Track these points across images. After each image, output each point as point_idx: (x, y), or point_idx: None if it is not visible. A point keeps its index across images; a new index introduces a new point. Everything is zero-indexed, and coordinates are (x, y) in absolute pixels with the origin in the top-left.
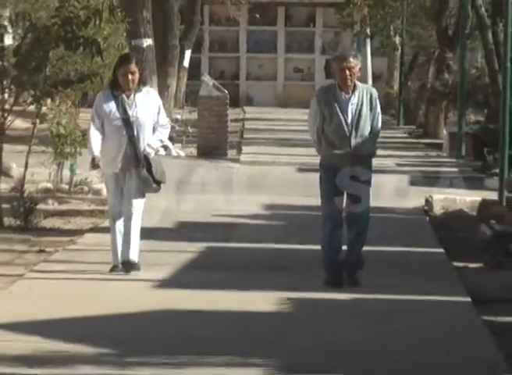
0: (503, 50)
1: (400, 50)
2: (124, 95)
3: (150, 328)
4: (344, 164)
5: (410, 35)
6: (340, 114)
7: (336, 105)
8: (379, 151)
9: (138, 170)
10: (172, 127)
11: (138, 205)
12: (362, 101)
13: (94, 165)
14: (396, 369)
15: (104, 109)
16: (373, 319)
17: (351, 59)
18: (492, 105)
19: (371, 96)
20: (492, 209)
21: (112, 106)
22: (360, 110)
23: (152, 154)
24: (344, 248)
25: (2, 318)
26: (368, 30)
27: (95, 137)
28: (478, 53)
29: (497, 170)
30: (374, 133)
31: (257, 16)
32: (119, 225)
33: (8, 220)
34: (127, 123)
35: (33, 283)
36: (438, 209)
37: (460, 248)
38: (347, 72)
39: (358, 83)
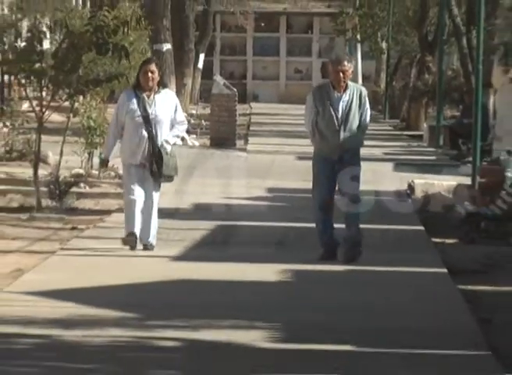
0: (475, 54)
1: (386, 54)
2: (145, 95)
3: (168, 296)
4: (334, 154)
5: (395, 41)
6: (332, 110)
7: (328, 102)
8: (368, 142)
9: (156, 165)
10: (188, 121)
11: (154, 196)
12: (352, 98)
13: (105, 165)
14: (382, 331)
15: (127, 107)
16: (361, 288)
17: (345, 63)
18: (466, 102)
19: (360, 94)
20: (465, 192)
21: (134, 104)
22: (350, 107)
23: (168, 148)
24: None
25: (40, 287)
26: (359, 37)
27: (111, 142)
28: (454, 57)
29: (470, 159)
30: (362, 127)
31: (262, 24)
32: (134, 207)
33: (45, 202)
34: (147, 120)
35: (67, 257)
36: (419, 192)
37: (438, 226)
38: (341, 74)
39: (350, 83)
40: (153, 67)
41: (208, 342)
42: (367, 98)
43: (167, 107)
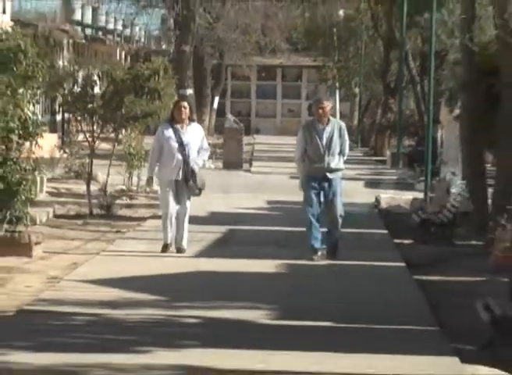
0: (427, 98)
1: (358, 97)
2: (179, 126)
3: (190, 284)
4: (320, 174)
5: (365, 87)
6: (318, 139)
7: (314, 132)
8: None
9: (187, 181)
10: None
11: (188, 206)
12: (333, 130)
13: (150, 183)
14: (354, 311)
15: (165, 136)
16: (339, 278)
17: (324, 102)
18: (420, 134)
19: (340, 127)
20: (419, 204)
21: (170, 133)
22: (332, 136)
23: (197, 169)
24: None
25: (91, 276)
26: (337, 84)
27: (153, 164)
28: (410, 99)
29: (423, 178)
30: (343, 153)
31: (263, 74)
32: (170, 218)
33: (96, 211)
34: (181, 146)
35: (112, 253)
36: (383, 204)
37: (398, 230)
38: (321, 110)
39: (331, 118)
40: (185, 104)
41: (221, 319)
42: (345, 131)
43: (196, 136)
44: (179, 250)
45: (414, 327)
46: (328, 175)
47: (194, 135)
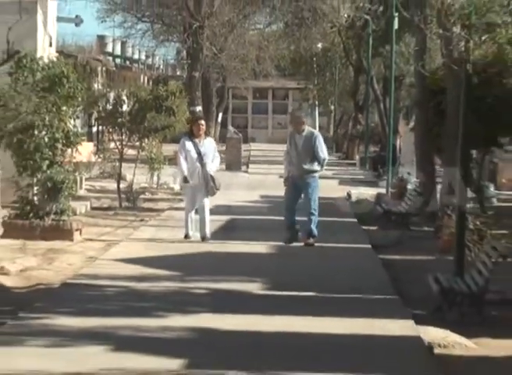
0: (388, 113)
1: (333, 113)
2: (197, 140)
3: (199, 262)
4: (298, 175)
5: (339, 105)
6: (295, 146)
7: (293, 140)
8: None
9: (207, 183)
10: None
11: (207, 202)
12: (307, 138)
13: (185, 180)
14: (329, 283)
15: (186, 147)
16: (317, 257)
17: (296, 115)
18: (382, 142)
19: (312, 134)
20: (382, 198)
21: (190, 146)
22: (306, 143)
23: (213, 174)
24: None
25: (121, 256)
26: (317, 102)
27: (184, 164)
28: (375, 115)
29: (385, 177)
30: (318, 158)
31: (257, 94)
32: (191, 213)
33: (124, 203)
34: (200, 156)
35: (138, 238)
36: (354, 198)
37: (365, 219)
38: (297, 122)
39: (306, 128)
40: (202, 122)
41: (225, 290)
42: (318, 138)
43: (210, 148)
44: (204, 238)
45: (379, 296)
46: (304, 176)
47: (209, 147)
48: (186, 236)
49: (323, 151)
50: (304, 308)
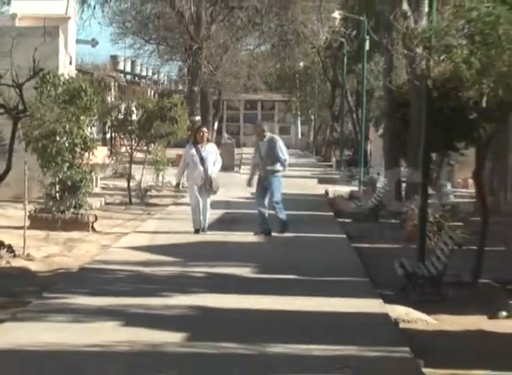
0: (360, 122)
1: (313, 122)
2: (199, 146)
3: (198, 250)
4: (263, 175)
5: (318, 115)
6: (259, 151)
7: (257, 146)
8: (302, 168)
9: (207, 185)
10: None
11: (208, 201)
12: (269, 143)
13: (177, 186)
14: (308, 268)
15: (190, 153)
16: (297, 246)
17: (258, 124)
18: (355, 147)
19: (272, 140)
20: (355, 195)
21: (194, 151)
22: (267, 148)
23: (214, 176)
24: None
25: (131, 244)
26: (299, 113)
27: (180, 173)
28: (349, 123)
29: (357, 177)
30: (279, 159)
31: (248, 106)
32: (197, 211)
33: (133, 199)
34: (202, 160)
35: (146, 229)
36: (331, 195)
37: (340, 213)
38: (258, 131)
39: (268, 134)
40: (205, 129)
41: (220, 273)
42: (278, 142)
43: (212, 153)
44: (203, 230)
45: (352, 279)
46: (268, 176)
47: (211, 151)
48: (197, 230)
49: (283, 153)
50: (287, 290)
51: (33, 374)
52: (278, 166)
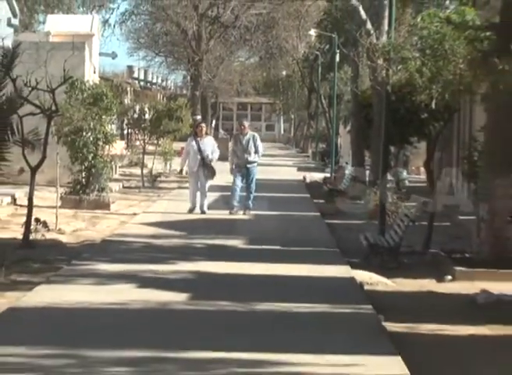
0: (332, 120)
1: (293, 120)
2: (199, 138)
3: (199, 225)
4: (243, 164)
5: (297, 115)
6: (240, 144)
7: (239, 140)
8: (285, 158)
9: (205, 171)
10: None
11: (206, 185)
12: (250, 138)
13: (181, 171)
14: (288, 239)
15: (191, 144)
16: (282, 222)
17: (244, 122)
18: (328, 141)
19: (253, 136)
20: (328, 180)
21: (194, 143)
22: (248, 142)
23: (211, 163)
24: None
25: (144, 221)
26: (282, 113)
27: (183, 162)
28: (322, 121)
29: (329, 165)
30: (257, 152)
31: (240, 107)
32: (195, 193)
33: (146, 184)
34: (200, 150)
35: (156, 207)
36: (308, 180)
37: (315, 195)
38: (242, 127)
39: (249, 131)
40: (203, 124)
41: (217, 245)
42: (258, 139)
43: (209, 144)
44: (203, 212)
45: (324, 249)
46: (247, 165)
47: (208, 143)
48: (191, 210)
49: (260, 147)
50: (271, 258)
51: (63, 326)
52: (256, 158)
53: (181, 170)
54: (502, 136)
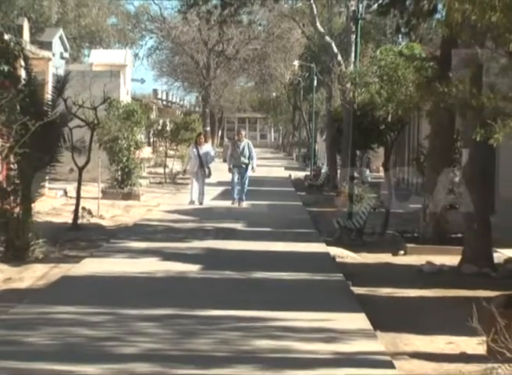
0: (312, 131)
1: (281, 131)
2: (199, 146)
3: (208, 212)
4: (239, 165)
5: (285, 127)
6: (237, 148)
7: (236, 145)
8: (274, 160)
9: (202, 171)
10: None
11: (204, 181)
12: (245, 144)
13: (185, 171)
14: (278, 222)
15: (193, 151)
16: (272, 209)
17: (241, 131)
18: (308, 147)
19: (248, 143)
20: (308, 177)
21: (194, 149)
22: (244, 147)
23: (208, 165)
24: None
25: (166, 209)
26: (272, 125)
27: (190, 163)
28: (304, 132)
29: (309, 166)
30: (250, 156)
31: (240, 121)
32: (195, 189)
33: (168, 180)
34: (199, 155)
35: (176, 199)
36: (292, 177)
37: (299, 188)
38: (239, 135)
39: (244, 139)
40: (201, 136)
41: (222, 227)
42: (250, 144)
43: (207, 150)
44: (201, 203)
45: (306, 230)
46: (242, 165)
47: (206, 149)
48: (191, 202)
49: (253, 151)
50: (264, 237)
51: (104, 290)
52: (249, 160)
53: (185, 170)
54: (441, 143)
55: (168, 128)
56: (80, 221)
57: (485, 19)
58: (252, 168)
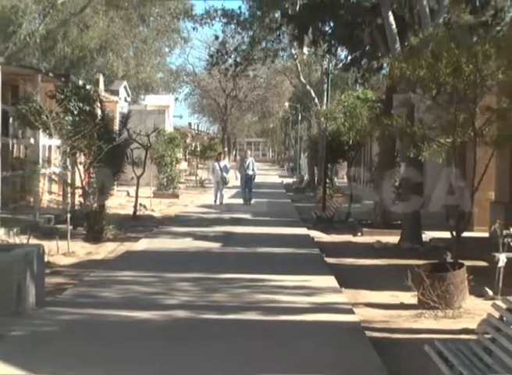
0: (298, 151)
1: (276, 150)
2: (219, 161)
3: (222, 208)
4: (245, 176)
5: (278, 147)
6: (244, 163)
7: (243, 161)
8: (271, 170)
9: (222, 180)
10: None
11: (223, 187)
12: (250, 161)
13: (211, 180)
14: (277, 213)
15: (215, 165)
16: (271, 205)
17: (245, 151)
18: (295, 161)
19: (252, 160)
20: (295, 182)
21: (216, 164)
22: (249, 163)
23: (226, 176)
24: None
25: (197, 204)
26: (270, 146)
27: (213, 174)
28: (292, 151)
29: (296, 175)
30: (253, 169)
31: (248, 143)
32: (217, 193)
33: (198, 185)
34: (219, 169)
35: (198, 201)
36: (284, 183)
37: (288, 190)
38: (246, 154)
39: (249, 157)
40: (221, 153)
41: (236, 217)
42: (254, 162)
43: (225, 164)
44: (221, 203)
45: (292, 219)
46: (248, 176)
47: (224, 163)
48: (215, 202)
49: (255, 166)
50: (266, 224)
51: (154, 261)
52: (253, 172)
53: (210, 179)
54: (386, 159)
55: (198, 149)
56: (138, 213)
57: (416, 74)
58: (254, 177)
